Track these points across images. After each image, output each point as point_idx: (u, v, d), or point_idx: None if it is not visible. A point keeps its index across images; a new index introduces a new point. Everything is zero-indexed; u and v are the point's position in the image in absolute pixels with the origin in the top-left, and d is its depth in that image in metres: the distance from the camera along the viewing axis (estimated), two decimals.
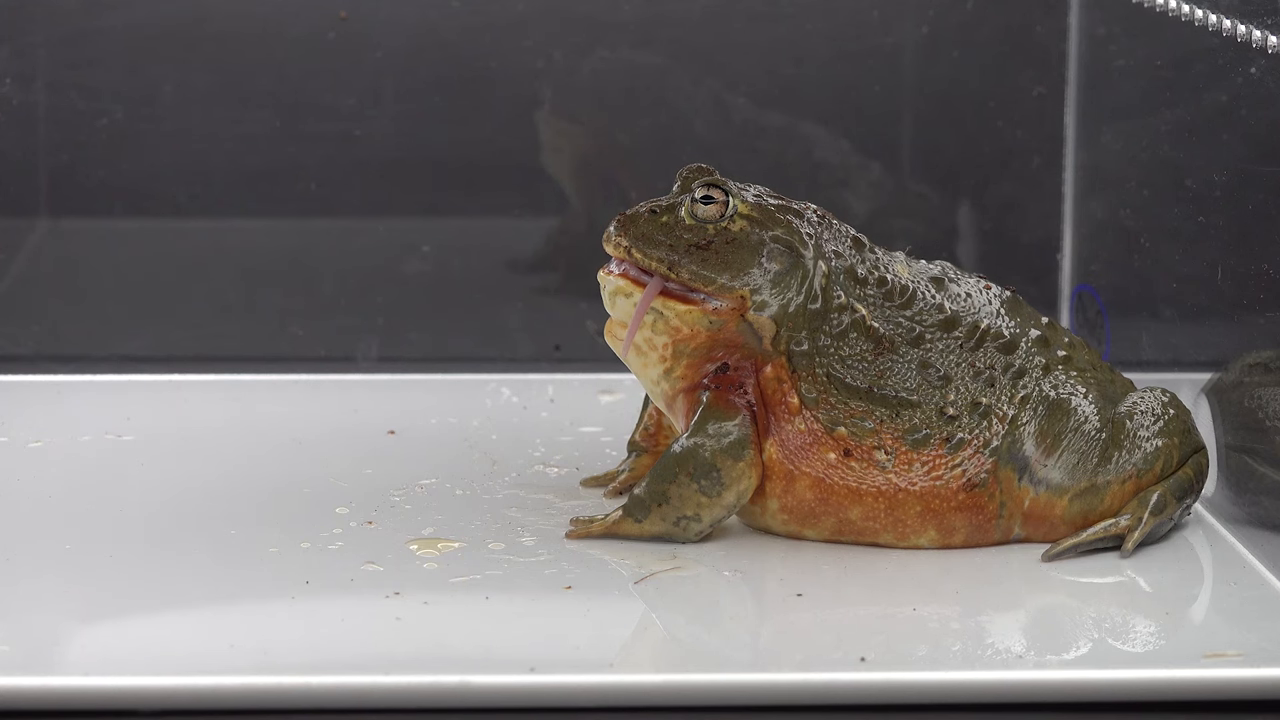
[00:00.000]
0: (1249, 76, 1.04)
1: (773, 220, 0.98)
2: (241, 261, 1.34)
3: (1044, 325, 1.02)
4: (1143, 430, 1.00)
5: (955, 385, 0.99)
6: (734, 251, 0.97)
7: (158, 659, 0.87)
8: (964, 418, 0.99)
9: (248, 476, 1.08)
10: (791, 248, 0.98)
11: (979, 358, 1.00)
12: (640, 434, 1.07)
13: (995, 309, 1.02)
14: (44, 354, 1.31)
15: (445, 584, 0.95)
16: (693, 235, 0.97)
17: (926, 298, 1.01)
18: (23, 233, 1.33)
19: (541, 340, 1.34)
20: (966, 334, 1.00)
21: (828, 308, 0.99)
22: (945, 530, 0.99)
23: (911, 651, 0.89)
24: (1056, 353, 1.02)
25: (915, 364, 0.99)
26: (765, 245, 0.98)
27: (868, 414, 0.98)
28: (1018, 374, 1.00)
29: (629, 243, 0.97)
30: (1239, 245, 1.07)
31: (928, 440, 0.98)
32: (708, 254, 0.97)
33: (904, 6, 1.33)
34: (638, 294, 0.97)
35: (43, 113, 1.31)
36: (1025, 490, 0.99)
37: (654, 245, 0.97)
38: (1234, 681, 0.86)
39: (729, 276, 0.97)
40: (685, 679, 0.86)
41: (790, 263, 0.98)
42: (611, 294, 0.98)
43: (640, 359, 1.00)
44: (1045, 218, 1.33)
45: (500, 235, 1.35)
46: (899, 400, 0.99)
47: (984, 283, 1.03)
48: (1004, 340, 1.01)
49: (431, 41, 1.32)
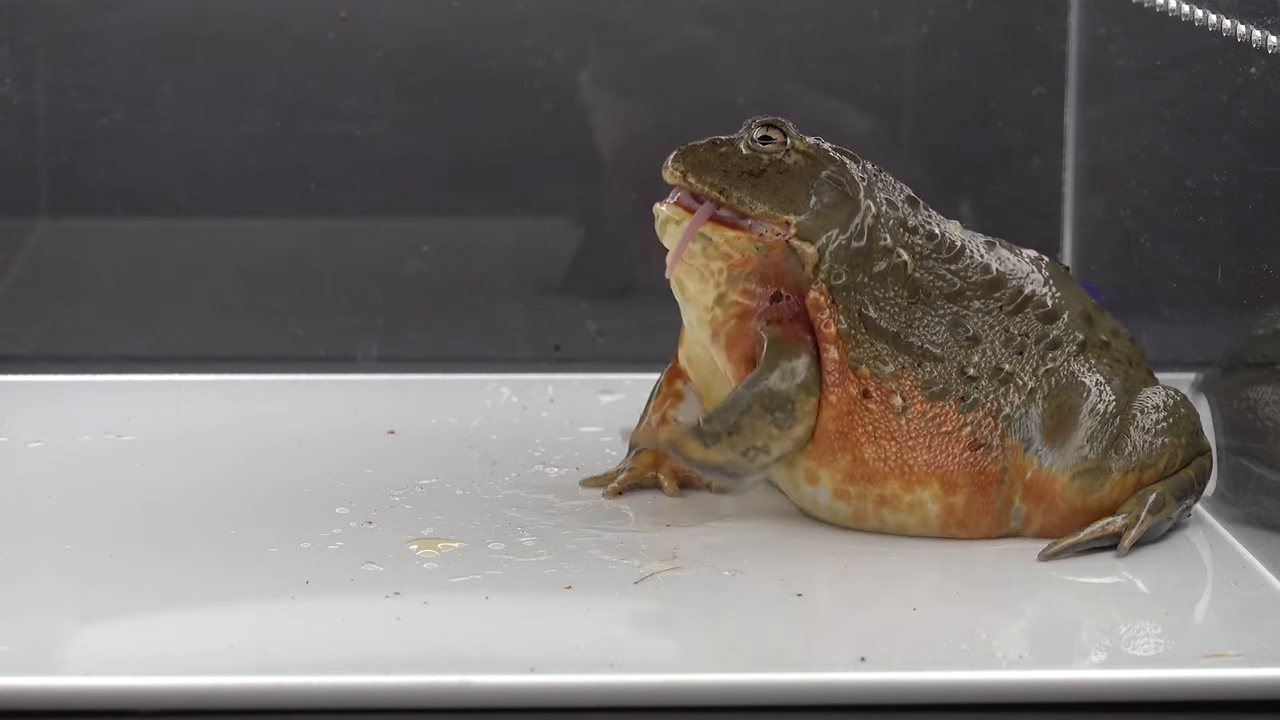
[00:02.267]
0: (1249, 76, 1.04)
1: (828, 159, 1.01)
2: (241, 261, 1.34)
3: (1093, 306, 1.03)
4: (1150, 425, 1.01)
5: (983, 348, 1.01)
6: (785, 181, 1.00)
7: (158, 659, 0.87)
8: (983, 380, 1.00)
9: (248, 476, 1.08)
10: (841, 185, 1.00)
11: (1015, 323, 1.01)
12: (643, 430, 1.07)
13: (1044, 279, 1.03)
14: (44, 354, 1.31)
15: (445, 584, 0.95)
16: (747, 164, 1.00)
17: (975, 256, 1.02)
18: (23, 233, 1.33)
19: (541, 340, 1.34)
20: (1009, 297, 1.02)
21: (872, 248, 1.00)
22: (948, 485, 0.99)
23: (911, 651, 0.89)
24: (1098, 335, 1.02)
25: (947, 320, 1.01)
26: (817, 180, 1.00)
27: (891, 358, 1.00)
28: (1051, 345, 1.01)
29: (685, 168, 1.00)
30: (1239, 245, 1.07)
31: (944, 394, 0.99)
32: (759, 181, 1.00)
33: (904, 6, 1.33)
34: (688, 220, 0.99)
35: (43, 113, 1.31)
36: (1030, 461, 1.00)
37: (709, 170, 1.00)
38: (1234, 681, 0.86)
39: (776, 204, 0.99)
40: (685, 679, 0.86)
41: (838, 198, 1.00)
42: (663, 223, 1.00)
43: (698, 284, 1.01)
44: (1045, 218, 1.33)
45: (500, 235, 1.35)
46: (923, 351, 1.00)
47: (1040, 258, 1.04)
48: (1045, 309, 1.02)
49: (431, 41, 1.32)
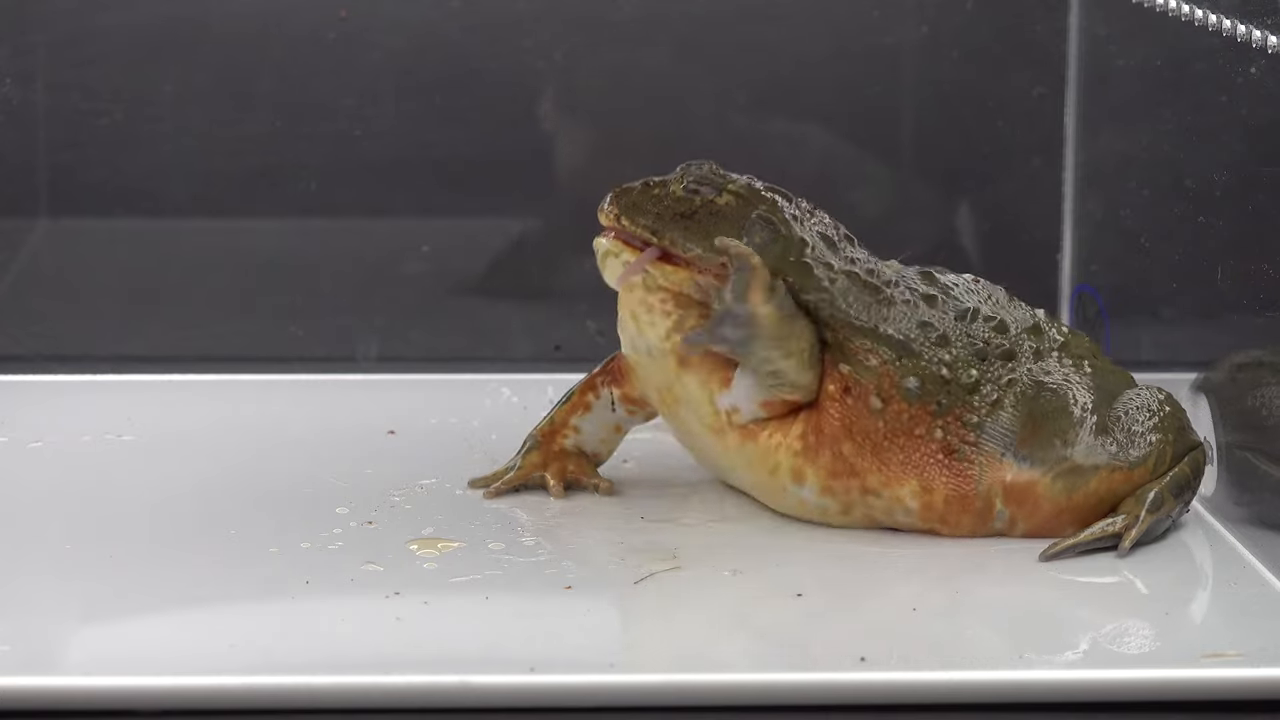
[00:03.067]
0: (1249, 76, 1.04)
1: (759, 199, 1.01)
2: (241, 261, 1.34)
3: (1039, 316, 1.04)
4: (1136, 425, 1.01)
5: (952, 349, 1.01)
6: (716, 223, 1.00)
7: (158, 659, 0.87)
8: (954, 386, 1.00)
9: (248, 476, 1.08)
10: (773, 223, 1.00)
11: (973, 330, 1.01)
12: (542, 429, 1.07)
13: (986, 297, 1.03)
14: (44, 354, 1.31)
15: (445, 584, 0.95)
16: (679, 205, 1.00)
17: (914, 282, 1.02)
18: (23, 233, 1.33)
19: (541, 340, 1.34)
20: (958, 315, 1.02)
21: (809, 278, 1.00)
22: (926, 485, 1.00)
23: (911, 651, 0.89)
24: (1050, 339, 1.02)
25: (916, 321, 1.01)
26: (748, 220, 1.00)
27: (871, 352, 1.00)
28: (1007, 355, 1.01)
29: (619, 211, 1.01)
30: (1239, 245, 1.07)
31: (919, 397, 1.00)
32: (691, 223, 1.00)
33: (904, 6, 1.33)
34: (626, 253, 1.00)
35: (43, 113, 1.31)
36: (1007, 465, 1.00)
37: (641, 213, 1.00)
38: (1234, 681, 0.86)
39: (710, 245, 0.99)
40: (685, 679, 0.86)
41: (770, 235, 1.00)
42: (603, 256, 1.01)
43: (647, 317, 1.01)
44: (1045, 218, 1.33)
45: (500, 235, 1.35)
46: (902, 345, 1.00)
47: (975, 281, 1.04)
48: (995, 321, 1.02)
49: (431, 41, 1.32)
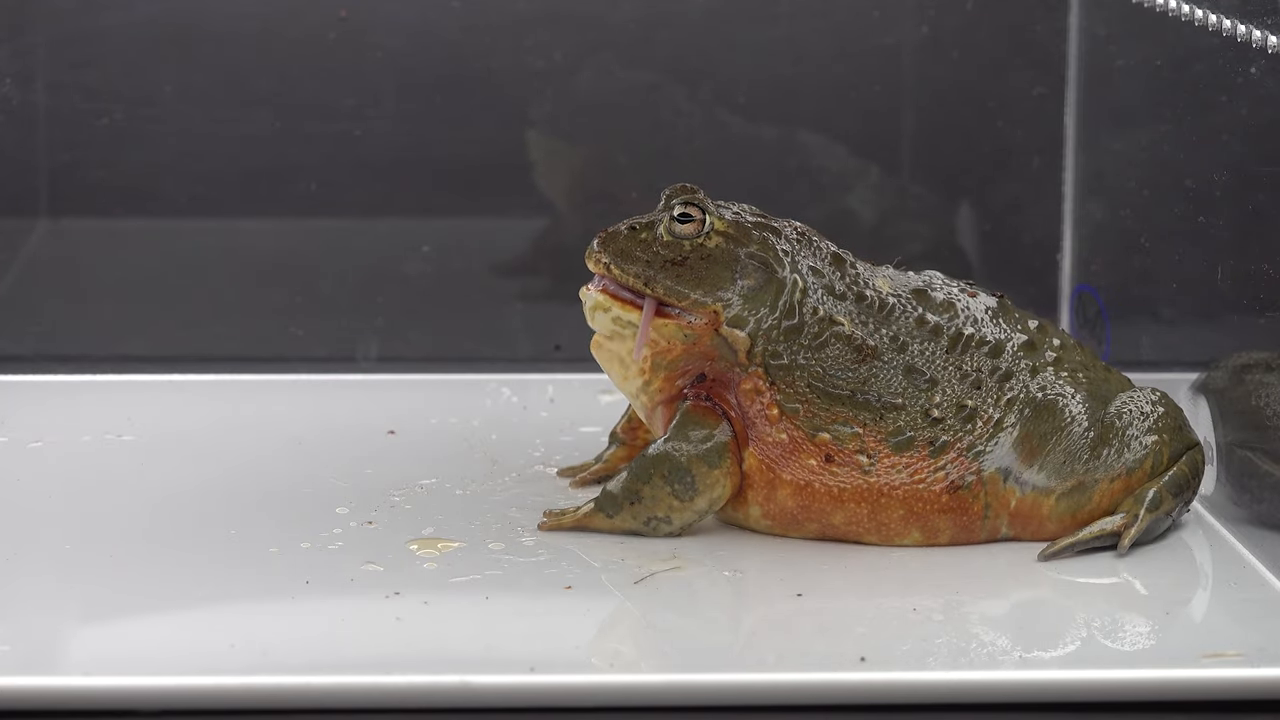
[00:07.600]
0: (1249, 76, 1.04)
1: (748, 237, 1.00)
2: (241, 261, 1.34)
3: (1032, 330, 1.03)
4: (1131, 429, 1.01)
5: (942, 388, 1.00)
6: (708, 267, 0.99)
7: (158, 659, 0.87)
8: (949, 420, 0.99)
9: (248, 476, 1.08)
10: (766, 264, 1.00)
11: (965, 360, 1.01)
12: (622, 426, 1.08)
13: (979, 315, 1.02)
14: (44, 354, 1.31)
15: (445, 584, 0.95)
16: (669, 251, 0.99)
17: (907, 310, 1.01)
18: (23, 233, 1.32)
19: (541, 340, 1.34)
20: (951, 341, 1.01)
21: (804, 321, 1.00)
22: (929, 532, 0.99)
23: (911, 651, 0.89)
24: (1045, 355, 1.02)
25: (901, 369, 1.00)
26: (740, 261, 0.99)
27: (851, 419, 0.99)
28: (1004, 377, 1.01)
29: (609, 259, 0.99)
30: (1239, 245, 1.07)
31: (911, 443, 0.99)
32: (683, 270, 0.99)
33: (904, 6, 1.33)
34: (615, 308, 0.99)
35: (43, 113, 1.31)
36: (1011, 491, 1.00)
37: (631, 261, 0.99)
38: (1234, 681, 0.86)
39: (702, 292, 0.99)
40: (685, 679, 0.86)
41: (764, 278, 0.99)
42: (591, 309, 1.00)
43: (621, 371, 1.01)
44: (1045, 218, 1.33)
45: (500, 236, 1.35)
46: (883, 405, 0.99)
47: (970, 290, 1.03)
48: (990, 345, 1.01)
49: (431, 41, 1.32)
